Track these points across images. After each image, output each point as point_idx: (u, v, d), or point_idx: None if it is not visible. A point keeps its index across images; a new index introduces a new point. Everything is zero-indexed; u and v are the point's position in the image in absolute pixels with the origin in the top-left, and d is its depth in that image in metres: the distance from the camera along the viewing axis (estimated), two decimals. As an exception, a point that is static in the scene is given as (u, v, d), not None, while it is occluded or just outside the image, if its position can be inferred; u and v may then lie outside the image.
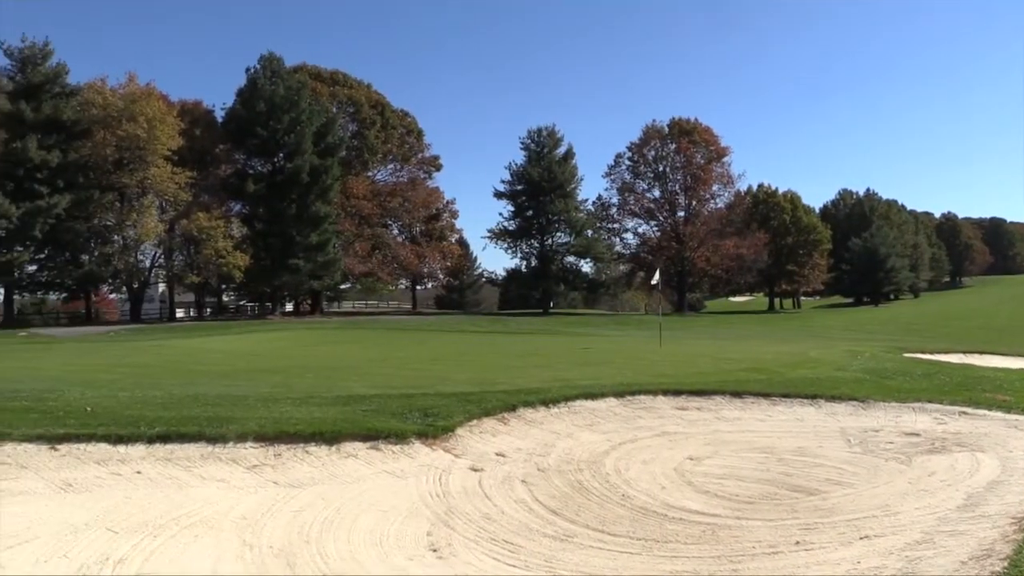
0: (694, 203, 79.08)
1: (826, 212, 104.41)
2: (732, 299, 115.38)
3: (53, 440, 7.75)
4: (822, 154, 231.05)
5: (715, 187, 79.60)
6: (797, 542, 5.73)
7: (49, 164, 45.26)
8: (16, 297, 54.18)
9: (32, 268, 49.84)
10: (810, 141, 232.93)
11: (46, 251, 48.96)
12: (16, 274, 47.45)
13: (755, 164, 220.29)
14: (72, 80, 50.37)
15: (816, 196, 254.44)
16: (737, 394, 11.96)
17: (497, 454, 8.49)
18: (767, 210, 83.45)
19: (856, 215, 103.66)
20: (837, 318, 68.58)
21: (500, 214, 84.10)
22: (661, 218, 79.74)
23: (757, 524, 6.24)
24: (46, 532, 5.62)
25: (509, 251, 77.54)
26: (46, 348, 27.13)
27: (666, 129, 78.61)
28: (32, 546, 5.35)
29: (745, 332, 43.35)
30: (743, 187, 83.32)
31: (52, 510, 6.19)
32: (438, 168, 76.68)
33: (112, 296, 69.93)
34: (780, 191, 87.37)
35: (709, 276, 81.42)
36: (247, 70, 56.77)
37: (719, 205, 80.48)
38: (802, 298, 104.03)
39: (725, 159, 79.69)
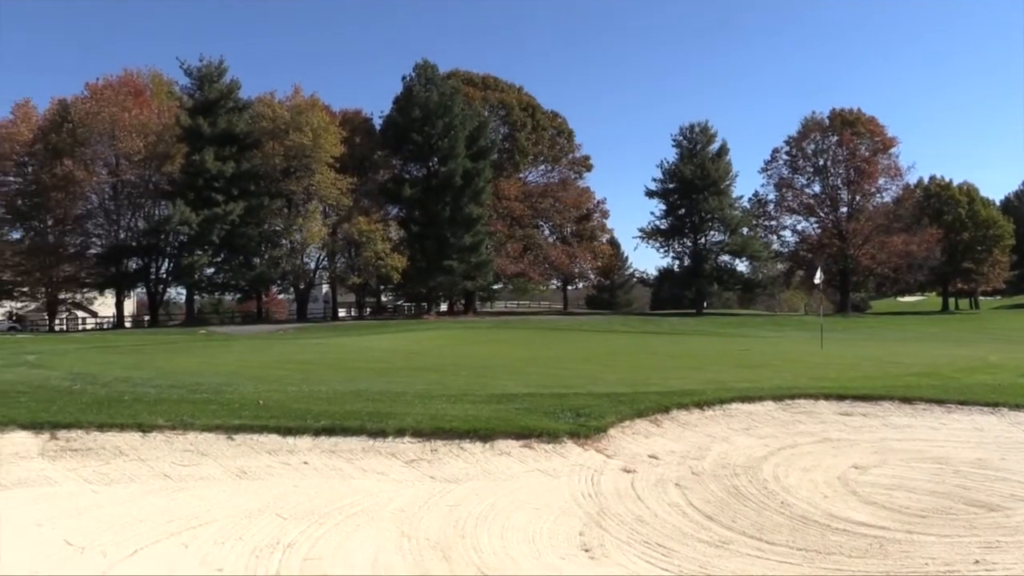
0: (858, 198, 74.99)
1: (1008, 205, 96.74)
2: (900, 299, 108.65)
3: (230, 430, 8.37)
4: (1003, 143, 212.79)
5: (881, 180, 75.08)
6: (976, 561, 5.32)
7: (224, 174, 48.78)
8: (196, 298, 58.72)
9: (210, 271, 53.97)
10: (990, 129, 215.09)
11: (222, 255, 52.81)
12: (196, 276, 51.36)
13: (927, 155, 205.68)
14: (242, 95, 54.20)
15: (997, 187, 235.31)
16: (907, 400, 11.24)
17: (650, 456, 8.37)
18: (940, 204, 77.90)
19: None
20: (1021, 320, 63.28)
21: (652, 213, 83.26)
22: (822, 214, 76.05)
23: (930, 540, 5.84)
24: (223, 515, 6.07)
25: (661, 250, 76.58)
26: (223, 345, 29.15)
27: (827, 121, 74.83)
28: (211, 528, 5.78)
29: (915, 334, 40.86)
30: (912, 180, 78.31)
31: (228, 495, 6.69)
32: (589, 168, 76.58)
33: (281, 296, 74.48)
34: (955, 183, 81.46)
35: (875, 275, 77.11)
36: (403, 78, 59.13)
37: (886, 199, 75.94)
38: (980, 298, 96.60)
39: (892, 150, 74.95)
